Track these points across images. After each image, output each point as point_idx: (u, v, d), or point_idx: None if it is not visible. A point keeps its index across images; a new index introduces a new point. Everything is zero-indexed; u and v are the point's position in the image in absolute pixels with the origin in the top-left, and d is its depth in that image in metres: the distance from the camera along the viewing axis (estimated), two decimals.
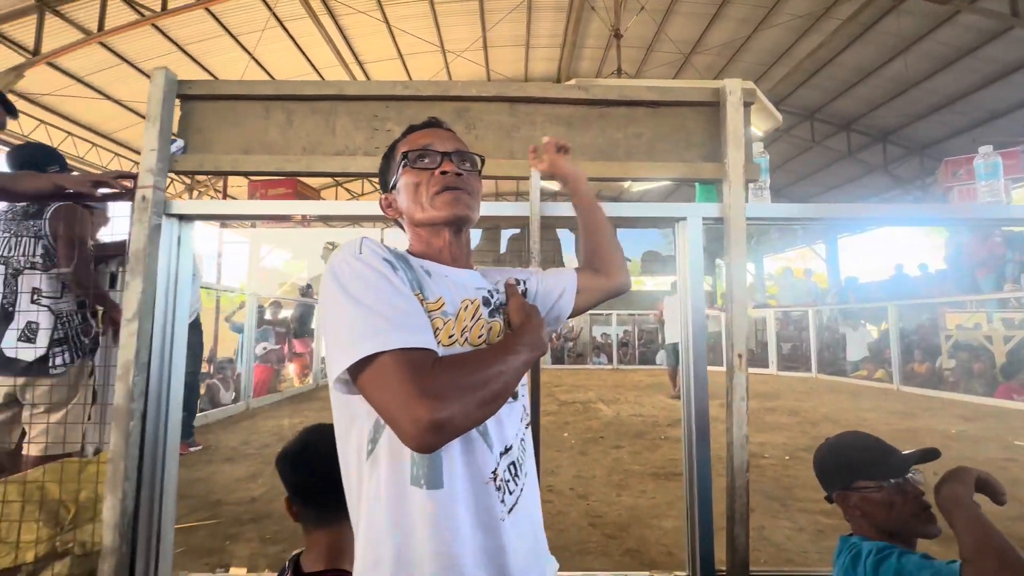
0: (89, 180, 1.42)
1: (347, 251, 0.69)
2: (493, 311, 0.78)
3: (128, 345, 1.42)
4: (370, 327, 0.60)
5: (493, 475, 0.68)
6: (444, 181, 0.78)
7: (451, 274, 0.78)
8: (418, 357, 0.59)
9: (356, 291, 0.64)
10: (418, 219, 0.80)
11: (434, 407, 0.54)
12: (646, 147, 1.57)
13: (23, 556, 1.41)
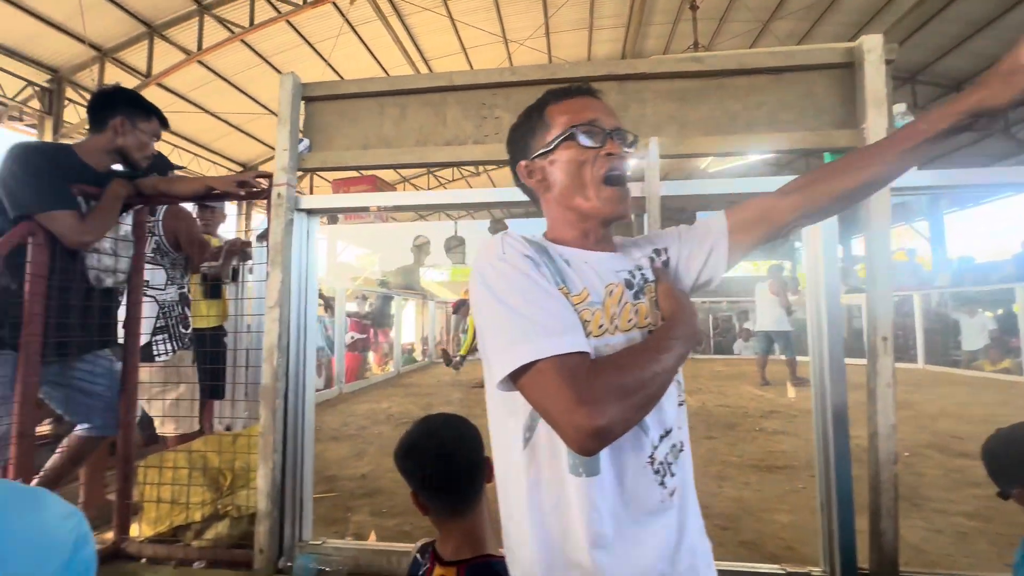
0: (234, 180, 1.56)
1: (491, 252, 0.68)
2: (637, 292, 0.74)
3: (271, 330, 1.55)
4: (523, 333, 0.60)
5: (651, 459, 0.67)
6: (611, 165, 0.72)
7: (591, 259, 0.74)
8: (573, 362, 0.59)
9: (504, 294, 0.63)
10: (575, 205, 0.74)
11: (593, 415, 0.55)
12: (768, 117, 1.47)
13: (192, 515, 1.60)
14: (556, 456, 0.65)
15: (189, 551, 1.57)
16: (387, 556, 1.53)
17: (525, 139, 0.79)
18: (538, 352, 0.59)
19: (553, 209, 0.78)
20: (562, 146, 0.73)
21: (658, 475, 0.67)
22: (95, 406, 1.59)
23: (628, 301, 0.72)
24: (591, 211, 0.73)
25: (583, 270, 0.71)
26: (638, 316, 0.72)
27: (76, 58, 7.30)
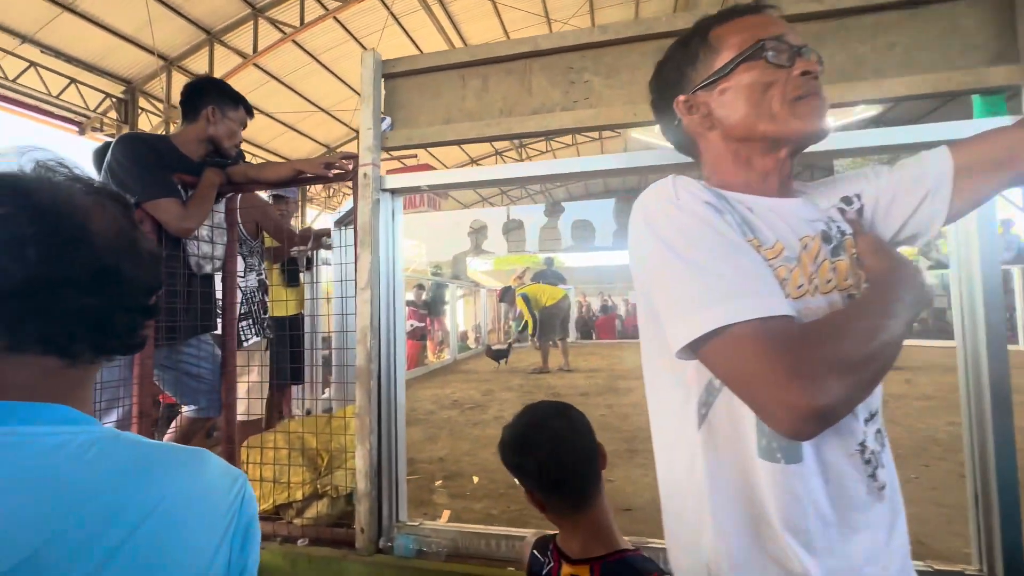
0: (322, 163, 1.56)
1: (661, 197, 0.58)
2: (836, 248, 0.61)
3: (363, 312, 1.55)
4: (713, 292, 0.50)
5: (861, 447, 0.57)
6: (807, 86, 0.59)
7: (777, 207, 0.62)
8: (780, 327, 0.48)
9: (683, 248, 0.53)
10: (759, 132, 0.61)
11: (812, 392, 0.44)
12: (901, 59, 1.29)
13: (293, 495, 1.64)
14: (739, 436, 0.56)
15: (292, 528, 1.61)
16: (485, 539, 1.51)
17: (681, 70, 0.67)
18: (734, 314, 0.48)
19: (720, 148, 0.65)
20: (742, 68, 0.61)
21: (869, 466, 0.57)
22: (200, 388, 1.65)
23: (826, 258, 0.60)
24: (779, 133, 0.60)
25: (771, 220, 0.60)
26: (837, 276, 0.60)
27: (146, 69, 7.76)
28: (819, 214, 0.64)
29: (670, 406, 0.62)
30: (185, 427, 1.66)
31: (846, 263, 0.61)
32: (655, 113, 0.74)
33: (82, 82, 7.49)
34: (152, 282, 0.51)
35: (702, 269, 0.52)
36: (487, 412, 3.71)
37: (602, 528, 0.82)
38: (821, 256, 0.60)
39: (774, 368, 0.46)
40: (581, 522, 0.83)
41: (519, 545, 1.46)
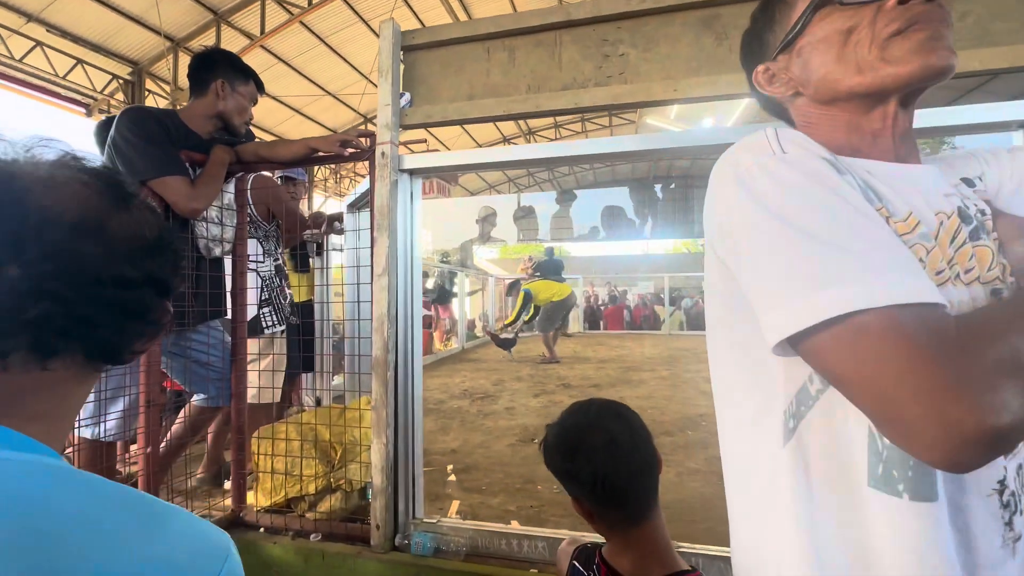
0: (337, 140, 1.47)
1: (759, 150, 0.46)
2: (977, 230, 0.49)
3: (380, 300, 1.47)
4: (835, 268, 0.38)
5: (1000, 485, 0.45)
6: (908, 14, 0.46)
7: (902, 173, 0.49)
8: (934, 319, 0.37)
9: (794, 212, 0.41)
10: (846, 89, 0.50)
11: (986, 407, 0.33)
12: (975, 30, 1.18)
13: (306, 488, 1.58)
14: (843, 459, 0.45)
15: (305, 523, 1.56)
16: (506, 539, 1.44)
17: (763, 37, 0.58)
18: (868, 298, 0.36)
19: (812, 115, 0.55)
20: (815, 19, 0.51)
21: (1007, 510, 0.45)
22: (210, 376, 1.59)
23: (967, 242, 0.47)
24: (874, 86, 0.49)
25: (899, 187, 0.48)
26: (979, 264, 0.47)
27: (153, 50, 7.65)
28: (951, 187, 0.51)
29: (745, 413, 0.52)
30: (194, 416, 1.60)
31: (988, 249, 0.48)
32: (751, 88, 0.63)
33: (89, 63, 7.40)
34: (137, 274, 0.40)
35: (820, 239, 0.40)
36: (498, 402, 3.65)
37: (659, 545, 0.74)
38: (960, 238, 0.47)
39: (932, 372, 0.34)
40: (636, 537, 0.75)
41: (542, 546, 1.39)
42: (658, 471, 0.77)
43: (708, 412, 3.24)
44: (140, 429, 1.38)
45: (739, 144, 0.49)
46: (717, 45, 1.32)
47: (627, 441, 0.75)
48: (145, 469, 1.38)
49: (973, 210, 0.50)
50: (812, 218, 0.41)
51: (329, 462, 1.62)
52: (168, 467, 1.59)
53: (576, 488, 0.77)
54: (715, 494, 1.95)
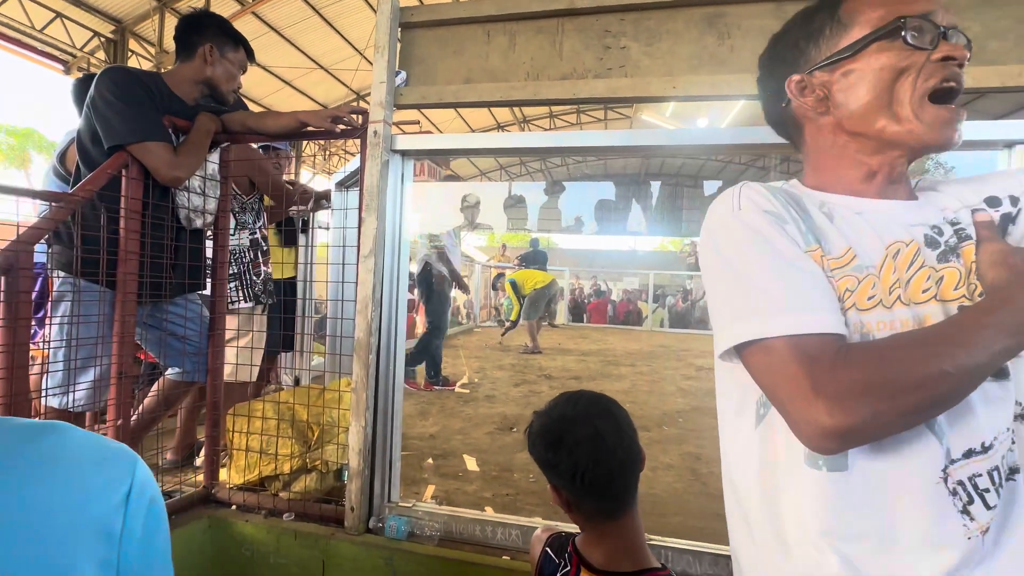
0: (328, 115, 1.43)
1: (725, 206, 0.58)
2: (946, 253, 0.54)
3: (365, 281, 1.44)
4: (753, 305, 0.52)
5: (944, 474, 0.50)
6: (946, 74, 0.53)
7: (868, 210, 0.57)
8: (814, 345, 0.48)
9: (735, 258, 0.54)
10: (875, 130, 0.55)
11: (834, 412, 0.45)
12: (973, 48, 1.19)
13: (281, 467, 1.57)
14: (789, 440, 0.53)
15: (278, 502, 1.54)
16: (480, 525, 1.45)
17: (800, 47, 0.60)
18: (767, 330, 0.50)
19: (827, 138, 0.60)
20: (874, 47, 0.54)
21: (956, 498, 0.50)
22: (186, 350, 1.55)
23: (927, 264, 0.54)
24: (903, 137, 0.54)
25: (852, 224, 0.56)
26: (940, 287, 0.53)
27: (138, 8, 7.35)
28: (933, 215, 0.57)
29: (731, 403, 0.61)
30: (168, 390, 1.56)
31: (958, 271, 0.53)
32: (761, 91, 0.68)
33: (69, 17, 7.07)
34: None
35: (748, 281, 0.53)
36: (478, 391, 3.66)
37: (633, 541, 0.76)
38: (918, 262, 0.54)
39: (799, 383, 0.47)
40: (611, 531, 0.76)
41: (516, 534, 1.41)
42: (640, 468, 0.78)
43: (685, 409, 3.30)
44: (111, 401, 1.34)
45: (718, 198, 0.60)
46: (719, 44, 1.31)
47: (612, 437, 0.75)
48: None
49: (948, 235, 0.55)
50: (747, 265, 0.54)
51: (306, 442, 1.60)
52: (139, 441, 1.56)
53: (556, 478, 0.77)
54: (687, 490, 1.99)
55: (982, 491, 0.51)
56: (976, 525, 0.50)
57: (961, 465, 0.51)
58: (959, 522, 0.50)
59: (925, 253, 0.54)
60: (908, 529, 0.50)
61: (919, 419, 0.48)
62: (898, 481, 0.51)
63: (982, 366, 0.45)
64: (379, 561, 1.41)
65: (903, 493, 0.51)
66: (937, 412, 0.48)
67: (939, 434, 0.51)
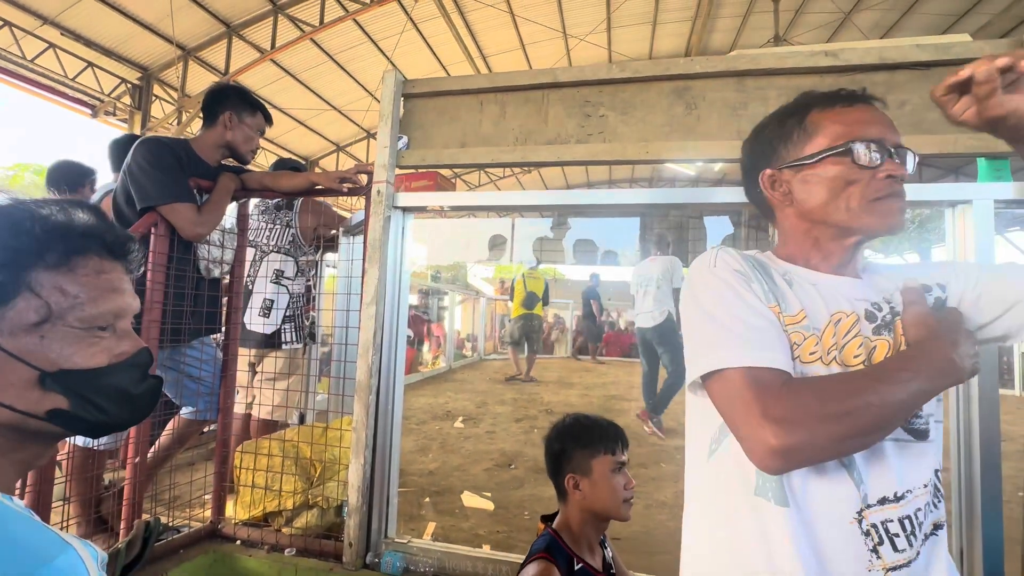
0: (337, 177, 1.58)
1: (704, 262, 0.68)
2: (880, 327, 0.64)
3: (367, 327, 1.56)
4: (718, 340, 0.61)
5: (859, 516, 0.59)
6: (890, 189, 0.63)
7: (821, 282, 0.67)
8: (765, 376, 0.57)
9: (708, 304, 0.64)
10: (833, 220, 0.66)
11: (779, 433, 0.53)
12: (911, 118, 1.33)
13: (284, 503, 1.64)
14: (743, 475, 0.62)
15: (281, 537, 1.61)
16: (472, 561, 1.51)
17: (773, 144, 0.71)
18: (728, 360, 0.59)
19: (794, 224, 0.71)
20: (828, 160, 0.65)
21: (869, 538, 0.59)
22: (200, 391, 1.66)
23: (862, 334, 0.64)
24: (857, 226, 0.65)
25: (807, 292, 0.66)
26: (871, 355, 0.63)
27: (163, 57, 7.82)
28: (874, 294, 0.67)
29: (694, 439, 0.71)
30: (181, 429, 1.66)
31: (887, 343, 0.64)
32: (744, 174, 0.78)
33: (99, 66, 7.54)
34: None
35: (716, 321, 0.63)
36: (479, 425, 3.71)
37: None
38: (855, 331, 0.64)
39: (752, 408, 0.55)
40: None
41: (506, 570, 1.46)
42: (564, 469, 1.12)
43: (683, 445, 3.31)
44: (131, 439, 1.45)
45: (698, 258, 0.70)
46: (687, 114, 1.46)
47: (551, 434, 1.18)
48: (132, 478, 1.44)
49: (885, 311, 0.66)
50: (717, 309, 0.64)
51: (308, 479, 1.68)
52: (153, 476, 1.65)
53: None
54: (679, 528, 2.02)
55: (892, 535, 0.60)
56: (881, 563, 0.59)
57: (876, 510, 0.60)
58: (866, 559, 0.59)
59: (863, 324, 0.64)
60: (827, 561, 0.59)
61: (848, 446, 0.56)
62: (823, 518, 0.59)
63: (901, 402, 0.54)
64: None
65: (826, 528, 0.59)
66: (864, 443, 0.57)
67: (857, 481, 0.60)
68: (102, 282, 0.49)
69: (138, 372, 0.52)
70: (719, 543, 0.65)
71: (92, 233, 0.50)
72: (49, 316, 0.46)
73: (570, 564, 1.05)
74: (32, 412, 0.46)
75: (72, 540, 0.41)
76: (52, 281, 0.46)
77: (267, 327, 2.00)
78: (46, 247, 0.46)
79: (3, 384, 0.45)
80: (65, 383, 0.46)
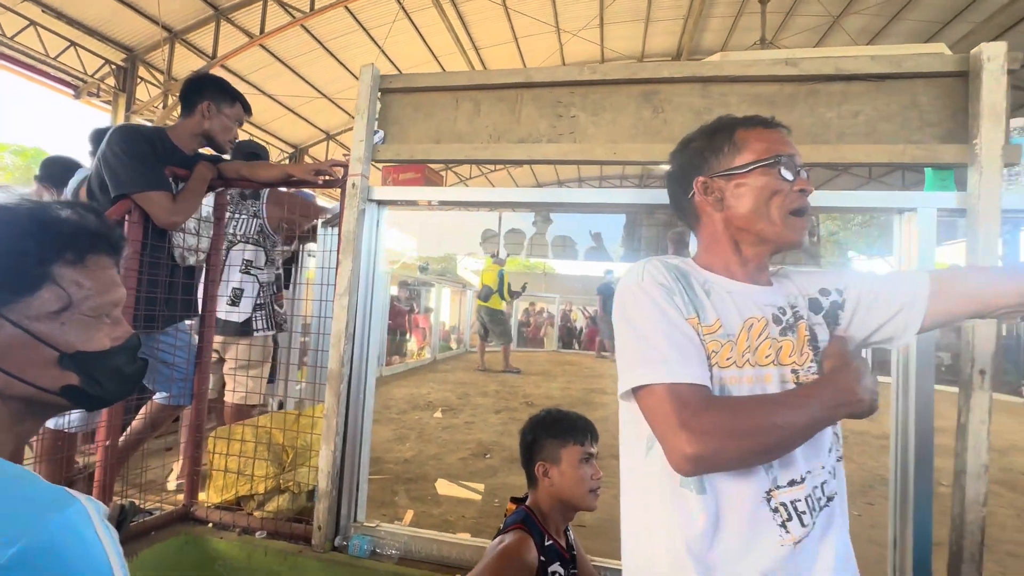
0: (312, 169, 1.61)
1: (632, 277, 0.74)
2: (785, 329, 0.74)
3: (340, 317, 1.59)
4: (644, 357, 0.67)
5: (768, 495, 0.67)
6: (803, 202, 0.74)
7: (735, 290, 0.75)
8: (686, 392, 0.64)
9: (634, 320, 0.70)
10: (756, 230, 0.75)
11: (692, 442, 0.60)
12: (864, 128, 1.39)
13: (256, 487, 1.68)
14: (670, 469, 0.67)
15: (252, 520, 1.65)
16: (438, 545, 1.56)
17: (704, 155, 0.79)
18: (653, 377, 0.65)
19: (716, 231, 0.78)
20: (758, 171, 0.74)
21: (777, 514, 0.67)
22: (174, 376, 1.69)
23: (770, 336, 0.72)
24: (773, 237, 0.74)
25: (722, 301, 0.73)
26: (779, 354, 0.72)
27: (149, 39, 7.67)
28: (781, 299, 0.76)
29: (628, 436, 0.78)
30: (155, 414, 1.69)
31: (792, 343, 0.73)
32: (671, 182, 0.85)
33: (82, 46, 7.37)
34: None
35: (642, 338, 0.69)
36: (459, 416, 3.77)
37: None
38: (765, 335, 0.72)
39: (672, 420, 0.62)
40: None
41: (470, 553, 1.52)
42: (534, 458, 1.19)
43: None
44: (101, 423, 1.47)
45: (629, 270, 0.76)
46: (654, 117, 1.50)
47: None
48: (104, 461, 1.47)
49: (789, 315, 0.75)
50: (643, 324, 0.70)
51: (280, 464, 1.72)
52: (125, 460, 1.68)
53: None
54: None
55: (800, 512, 0.68)
56: (790, 537, 0.67)
57: (784, 491, 0.68)
58: (776, 533, 0.67)
59: (771, 327, 0.73)
60: (742, 538, 0.66)
61: (753, 460, 0.65)
62: (737, 498, 0.67)
63: (804, 426, 0.62)
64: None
65: (739, 509, 0.67)
66: (768, 458, 0.65)
67: (767, 466, 0.68)
68: (107, 276, 0.57)
69: (131, 354, 0.60)
70: (651, 526, 0.72)
71: (101, 234, 0.57)
72: (68, 305, 0.53)
73: (542, 539, 1.12)
74: (49, 388, 0.53)
75: (78, 495, 0.46)
76: (71, 275, 0.54)
77: (238, 315, 2.02)
78: (67, 246, 0.54)
79: (26, 363, 0.52)
80: (79, 363, 0.54)
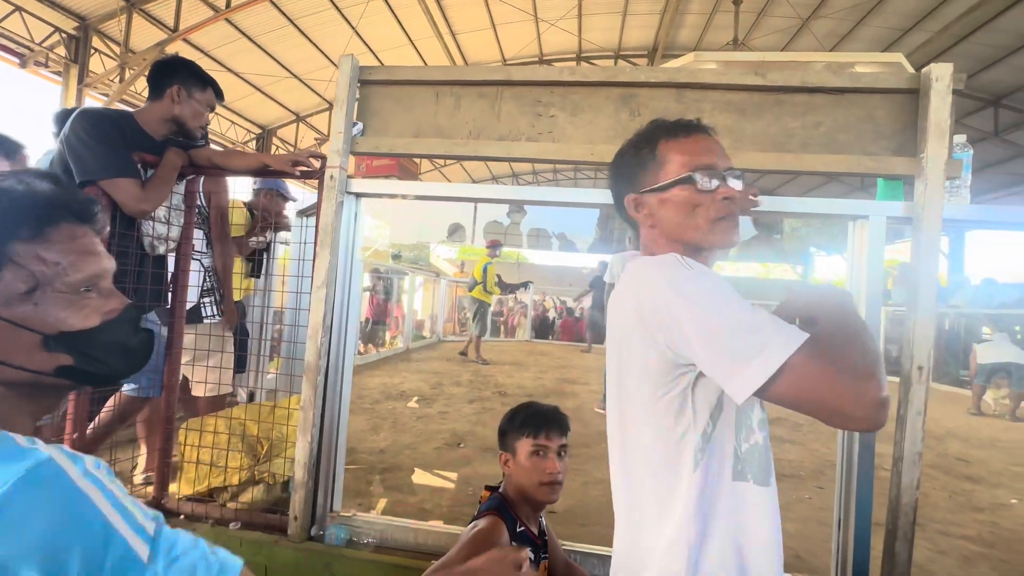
0: (289, 160, 1.58)
1: (676, 266, 0.69)
2: None
3: (317, 310, 1.59)
4: (760, 336, 0.59)
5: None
6: (727, 209, 0.75)
7: None
8: (810, 346, 0.58)
9: (718, 304, 0.63)
10: (688, 239, 0.77)
11: (880, 385, 0.56)
12: (825, 138, 1.47)
13: (230, 479, 1.68)
14: (721, 462, 0.69)
15: (225, 512, 1.65)
16: (414, 533, 1.60)
17: (633, 172, 0.81)
18: (784, 352, 0.57)
19: (655, 242, 0.81)
20: (676, 188, 0.75)
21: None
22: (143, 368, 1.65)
23: None
24: (705, 244, 0.76)
25: None
26: None
27: (104, 6, 7.23)
28: None
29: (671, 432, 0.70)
30: (123, 406, 1.65)
31: None
32: (612, 195, 0.88)
33: (28, 11, 6.88)
34: None
35: (740, 318, 0.61)
36: (432, 406, 3.79)
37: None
38: None
39: (840, 376, 0.56)
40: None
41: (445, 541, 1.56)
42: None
43: None
44: (69, 415, 1.44)
45: (653, 263, 0.72)
46: (631, 119, 1.55)
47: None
48: None
49: None
50: (730, 305, 0.63)
51: (255, 456, 1.72)
52: (92, 453, 1.64)
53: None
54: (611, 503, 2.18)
55: None
56: None
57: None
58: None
59: None
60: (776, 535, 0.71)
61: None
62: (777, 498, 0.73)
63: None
64: (318, 566, 1.54)
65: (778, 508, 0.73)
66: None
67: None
68: (77, 247, 0.52)
69: (130, 326, 0.56)
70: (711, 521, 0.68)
71: (58, 202, 0.52)
72: (37, 284, 0.49)
73: (514, 525, 1.17)
74: (43, 370, 0.51)
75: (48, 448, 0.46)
76: (30, 252, 0.49)
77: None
78: (17, 221, 0.49)
79: (12, 349, 0.49)
80: (66, 343, 0.51)
